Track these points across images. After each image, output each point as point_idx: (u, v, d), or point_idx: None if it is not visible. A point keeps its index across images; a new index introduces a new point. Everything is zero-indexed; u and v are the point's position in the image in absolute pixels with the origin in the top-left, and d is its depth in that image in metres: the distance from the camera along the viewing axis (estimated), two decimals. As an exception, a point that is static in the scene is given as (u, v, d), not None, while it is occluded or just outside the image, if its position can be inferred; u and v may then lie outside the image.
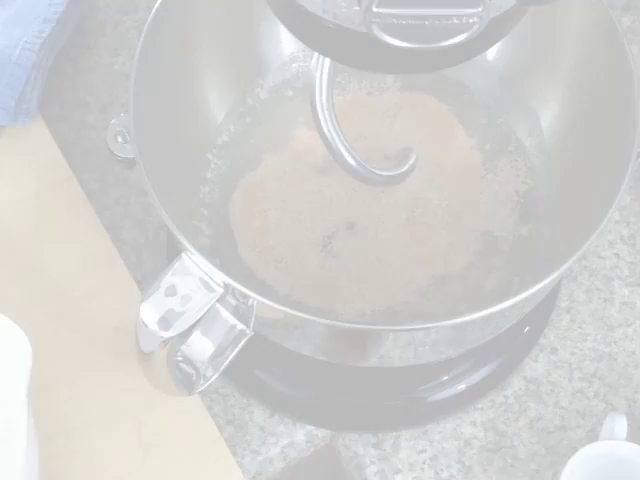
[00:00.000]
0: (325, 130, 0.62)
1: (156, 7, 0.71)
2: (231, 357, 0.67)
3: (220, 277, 0.61)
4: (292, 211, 0.79)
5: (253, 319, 0.66)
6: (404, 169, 0.74)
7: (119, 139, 0.70)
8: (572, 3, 0.71)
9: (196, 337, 0.66)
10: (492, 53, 0.80)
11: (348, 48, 0.46)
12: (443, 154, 0.81)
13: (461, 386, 0.80)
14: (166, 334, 0.60)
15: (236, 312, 0.66)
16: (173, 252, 0.80)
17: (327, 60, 0.56)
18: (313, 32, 0.46)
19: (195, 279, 0.61)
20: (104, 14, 0.94)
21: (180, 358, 0.67)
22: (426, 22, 0.38)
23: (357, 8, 0.39)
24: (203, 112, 0.80)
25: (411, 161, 0.75)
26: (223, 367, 0.68)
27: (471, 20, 0.38)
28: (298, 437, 0.78)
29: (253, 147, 0.82)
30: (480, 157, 0.81)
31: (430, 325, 0.66)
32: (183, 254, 0.61)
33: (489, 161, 0.81)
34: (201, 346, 0.67)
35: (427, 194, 0.80)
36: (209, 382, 0.68)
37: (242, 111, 0.83)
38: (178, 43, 0.75)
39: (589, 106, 0.75)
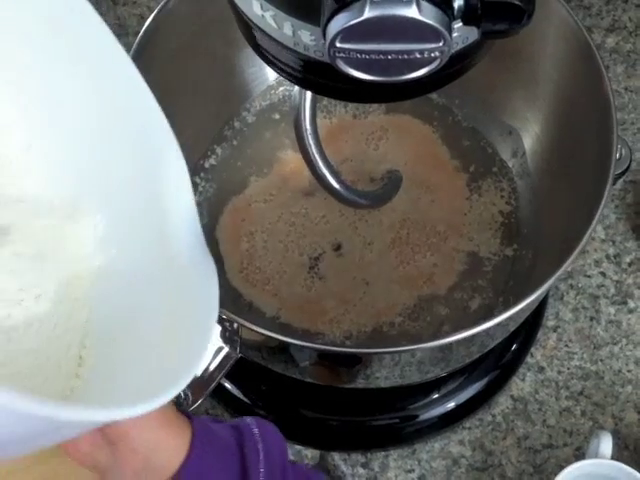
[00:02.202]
0: (310, 155, 0.63)
1: (141, 34, 0.72)
2: (219, 379, 0.68)
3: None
4: (279, 233, 0.80)
5: (239, 342, 0.66)
6: (388, 191, 0.75)
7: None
8: (550, 28, 0.72)
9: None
10: (475, 77, 0.81)
11: (321, 79, 0.47)
12: (428, 176, 0.82)
13: (451, 404, 0.81)
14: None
15: (222, 335, 0.67)
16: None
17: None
18: (287, 64, 0.47)
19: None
20: (95, 39, 0.95)
21: (168, 381, 0.68)
22: (389, 57, 0.39)
23: (323, 41, 0.40)
24: (190, 136, 0.80)
25: (396, 183, 0.76)
26: (211, 389, 0.68)
27: (433, 54, 0.39)
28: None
29: (240, 170, 0.83)
30: (465, 178, 0.82)
31: (415, 347, 0.66)
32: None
33: (473, 182, 0.82)
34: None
35: (413, 215, 0.80)
36: (197, 404, 0.69)
37: (229, 134, 0.84)
38: (164, 68, 0.75)
39: (569, 127, 0.75)
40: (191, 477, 0.49)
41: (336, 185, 0.66)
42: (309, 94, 0.59)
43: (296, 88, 0.59)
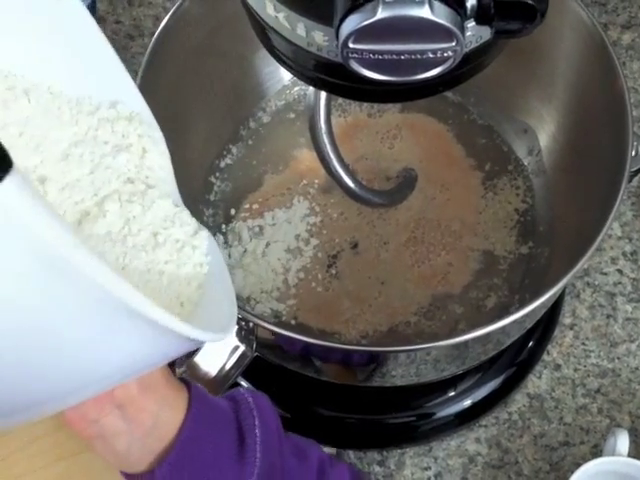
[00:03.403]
0: (324, 154, 0.63)
1: (156, 35, 0.73)
2: (234, 377, 0.68)
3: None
4: (296, 232, 0.80)
5: (255, 341, 0.67)
6: (403, 190, 0.76)
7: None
8: (565, 25, 0.72)
9: (200, 358, 0.67)
10: (490, 75, 0.81)
11: (335, 79, 0.47)
12: (443, 174, 0.82)
13: (467, 402, 0.81)
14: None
15: (238, 334, 0.67)
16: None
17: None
18: (301, 64, 0.47)
19: (197, 301, 0.62)
20: (110, 40, 0.95)
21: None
22: (402, 57, 0.39)
23: (336, 42, 0.40)
24: (205, 136, 0.81)
25: (410, 182, 0.76)
26: (226, 387, 0.68)
27: (445, 54, 0.39)
28: (304, 456, 0.79)
29: (256, 169, 0.83)
30: (480, 176, 0.82)
31: (431, 345, 0.66)
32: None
33: (489, 180, 0.82)
34: (205, 367, 0.68)
35: (428, 214, 0.80)
36: (213, 402, 0.69)
37: (245, 134, 0.84)
38: (179, 69, 0.76)
39: (585, 125, 0.75)
40: (191, 437, 0.50)
41: (351, 184, 0.66)
42: (324, 93, 0.59)
43: (311, 88, 0.59)
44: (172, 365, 0.62)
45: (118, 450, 0.48)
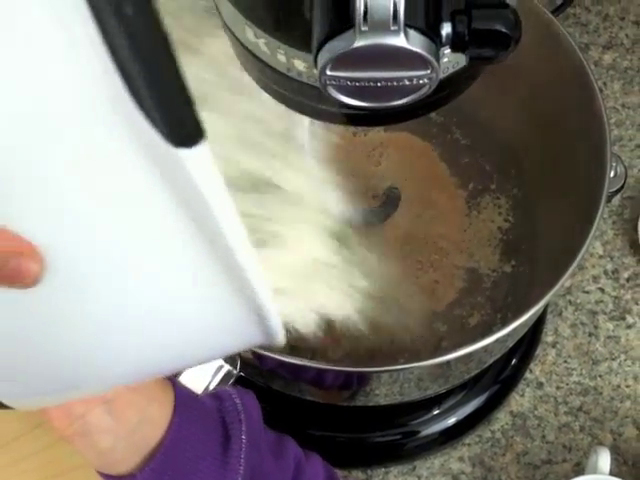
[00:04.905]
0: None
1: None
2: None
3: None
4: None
5: (239, 360, 0.67)
6: (387, 209, 0.76)
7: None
8: (546, 47, 0.73)
9: (184, 378, 0.68)
10: (472, 96, 0.81)
11: (315, 103, 0.47)
12: (429, 193, 0.82)
13: (452, 419, 0.81)
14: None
15: (222, 353, 0.67)
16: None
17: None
18: (281, 89, 0.48)
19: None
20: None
21: (168, 398, 0.68)
22: (379, 84, 0.40)
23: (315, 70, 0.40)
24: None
25: (393, 201, 0.77)
26: (211, 407, 0.68)
27: (421, 81, 0.40)
28: (288, 474, 0.79)
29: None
30: (463, 195, 0.83)
31: (413, 365, 0.67)
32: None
33: (472, 199, 0.83)
34: (189, 386, 0.68)
35: (415, 232, 0.81)
36: (198, 421, 0.69)
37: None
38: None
39: (565, 145, 0.76)
40: (175, 440, 0.48)
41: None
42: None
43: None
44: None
45: (102, 448, 0.46)
